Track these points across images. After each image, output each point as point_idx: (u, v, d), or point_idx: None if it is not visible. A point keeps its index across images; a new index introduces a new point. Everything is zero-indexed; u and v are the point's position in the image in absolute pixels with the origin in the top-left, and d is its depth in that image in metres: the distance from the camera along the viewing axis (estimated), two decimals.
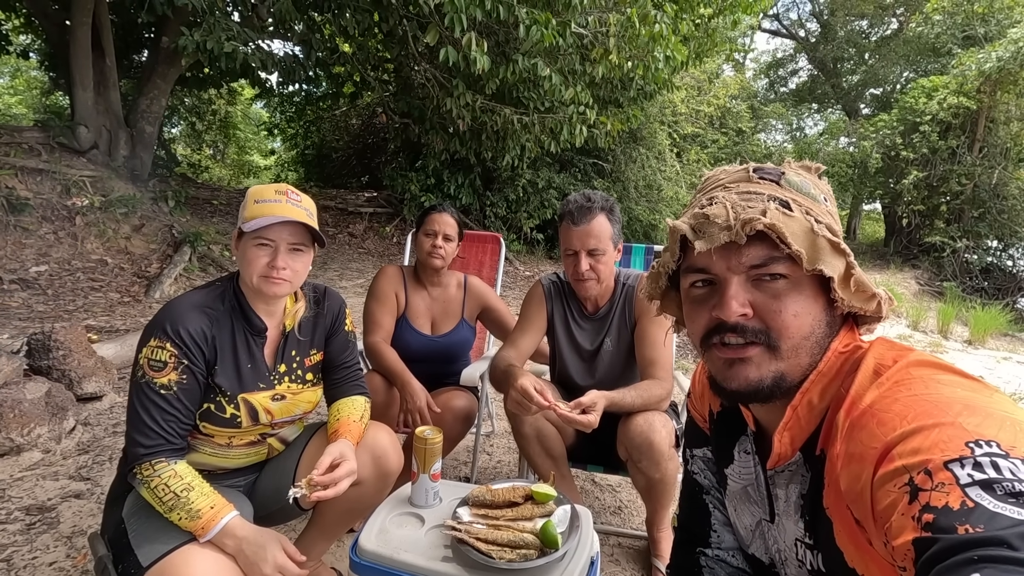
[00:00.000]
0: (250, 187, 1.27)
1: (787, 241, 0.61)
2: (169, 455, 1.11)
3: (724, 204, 0.64)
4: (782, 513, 0.73)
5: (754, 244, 0.63)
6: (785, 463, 0.70)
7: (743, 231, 0.62)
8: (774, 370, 0.65)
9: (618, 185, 8.97)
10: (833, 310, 0.67)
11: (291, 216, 1.18)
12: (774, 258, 0.63)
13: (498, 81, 5.12)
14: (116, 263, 4.98)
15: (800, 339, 0.64)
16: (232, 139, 14.18)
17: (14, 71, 14.75)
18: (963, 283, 10.65)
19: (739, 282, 0.65)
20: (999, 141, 11.33)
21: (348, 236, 7.65)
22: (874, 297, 0.66)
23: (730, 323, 0.65)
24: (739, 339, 0.65)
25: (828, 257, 0.62)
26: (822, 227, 0.63)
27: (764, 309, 0.64)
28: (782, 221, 0.62)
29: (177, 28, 5.12)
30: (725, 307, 0.64)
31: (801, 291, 0.64)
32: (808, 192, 0.67)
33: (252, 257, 1.18)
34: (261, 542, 1.07)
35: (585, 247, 1.64)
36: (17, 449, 2.16)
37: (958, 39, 12.75)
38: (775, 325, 0.64)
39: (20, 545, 1.71)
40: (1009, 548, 0.40)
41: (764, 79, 20.58)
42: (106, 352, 2.98)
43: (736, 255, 0.64)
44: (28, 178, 5.10)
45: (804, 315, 0.64)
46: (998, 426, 0.48)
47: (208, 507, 1.07)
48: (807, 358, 0.65)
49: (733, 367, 0.66)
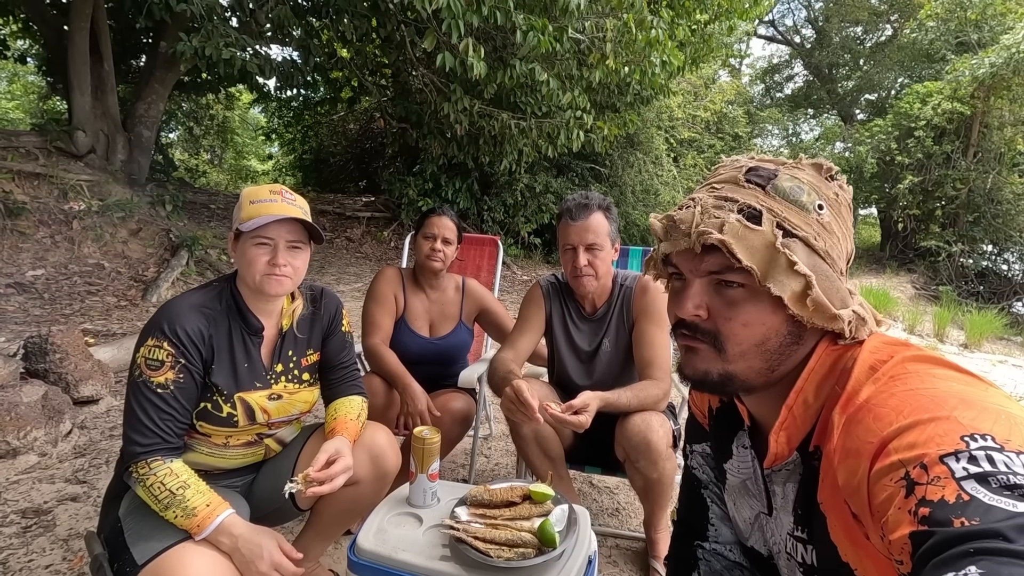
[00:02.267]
0: (244, 189, 1.28)
1: (737, 257, 0.62)
2: (165, 454, 1.11)
3: (693, 211, 0.67)
4: (779, 508, 0.73)
5: (713, 252, 0.65)
6: (782, 463, 0.70)
7: (698, 242, 0.65)
8: (719, 369, 0.67)
9: (615, 190, 8.99)
10: (801, 322, 0.66)
11: (288, 214, 1.19)
12: (730, 267, 0.64)
13: (496, 86, 5.14)
14: (113, 267, 4.98)
15: (749, 346, 0.66)
16: (230, 144, 14.17)
17: (11, 76, 14.71)
18: (959, 287, 10.69)
19: (700, 284, 0.68)
20: (993, 146, 11.40)
21: (346, 240, 7.65)
22: (835, 318, 0.64)
23: (686, 320, 0.68)
24: (689, 334, 0.69)
25: (781, 276, 0.62)
26: (793, 242, 0.63)
27: (717, 314, 0.67)
28: (740, 235, 0.63)
29: (175, 33, 5.13)
30: (680, 305, 0.68)
31: (757, 301, 0.65)
32: (796, 199, 0.65)
33: (252, 256, 1.19)
34: (257, 540, 1.07)
35: (583, 242, 1.65)
36: (13, 452, 2.16)
37: (952, 45, 12.86)
38: (724, 330, 0.66)
39: (16, 548, 1.70)
40: (1005, 540, 0.40)
41: (760, 84, 20.70)
42: (103, 356, 2.98)
43: (697, 259, 0.67)
44: (25, 182, 5.10)
45: (756, 325, 0.65)
46: (993, 420, 0.48)
47: (204, 505, 1.07)
48: (760, 363, 0.67)
49: (687, 354, 0.71)
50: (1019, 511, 0.42)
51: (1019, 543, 0.40)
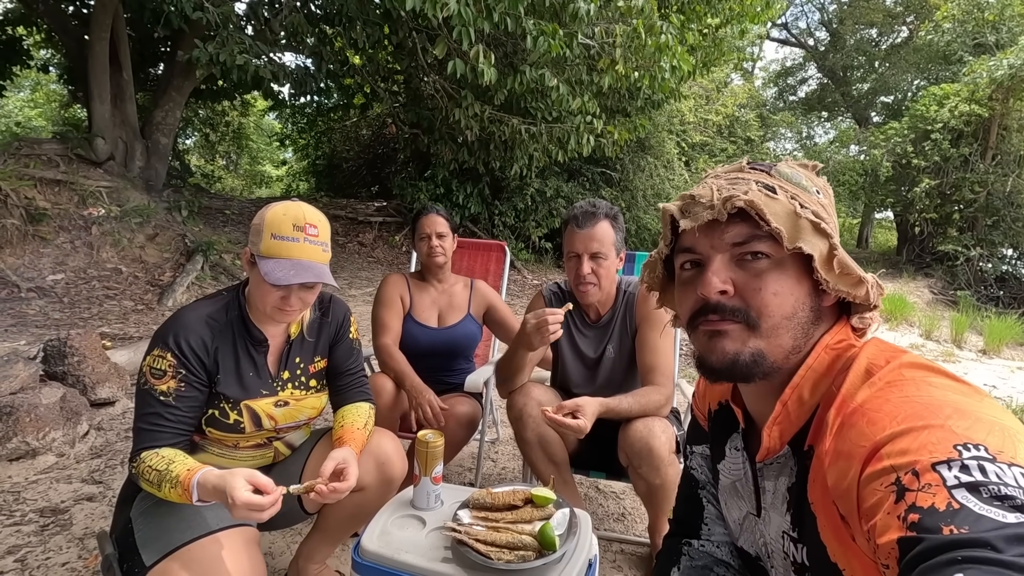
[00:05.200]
0: (265, 209, 1.23)
1: (766, 218, 0.63)
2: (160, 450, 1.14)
3: (710, 186, 0.67)
4: (769, 506, 0.74)
5: (736, 223, 0.65)
6: (774, 456, 0.71)
7: (724, 208, 0.64)
8: (752, 347, 0.65)
9: (626, 194, 8.99)
10: (820, 297, 0.67)
11: (308, 260, 1.19)
12: (756, 236, 0.65)
13: (506, 92, 5.18)
14: (130, 272, 5.08)
15: (780, 318, 0.65)
16: (245, 150, 14.39)
17: (34, 85, 15.10)
18: (977, 292, 10.49)
19: (722, 260, 0.67)
20: (1012, 148, 11.20)
21: (358, 245, 7.72)
22: (861, 282, 0.65)
23: (712, 301, 0.66)
24: (718, 318, 0.66)
25: (809, 236, 0.63)
26: (807, 211, 0.64)
27: (745, 287, 0.66)
28: (763, 201, 0.64)
29: (192, 42, 5.23)
30: (705, 283, 0.66)
31: (783, 271, 0.65)
32: (798, 182, 0.68)
33: (266, 291, 1.19)
34: (222, 485, 1.01)
35: (588, 250, 1.66)
36: (33, 452, 2.21)
37: (969, 47, 12.68)
38: (755, 303, 0.65)
39: (34, 546, 1.75)
40: (992, 550, 0.40)
41: (773, 88, 20.57)
42: (119, 359, 3.04)
43: (719, 233, 0.66)
44: (47, 189, 5.23)
45: (785, 295, 0.65)
46: (987, 430, 0.49)
47: (184, 471, 1.06)
48: (789, 340, 0.66)
49: (712, 339, 0.67)
50: (1008, 521, 0.42)
51: (1007, 553, 0.40)
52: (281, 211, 1.20)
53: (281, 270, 1.15)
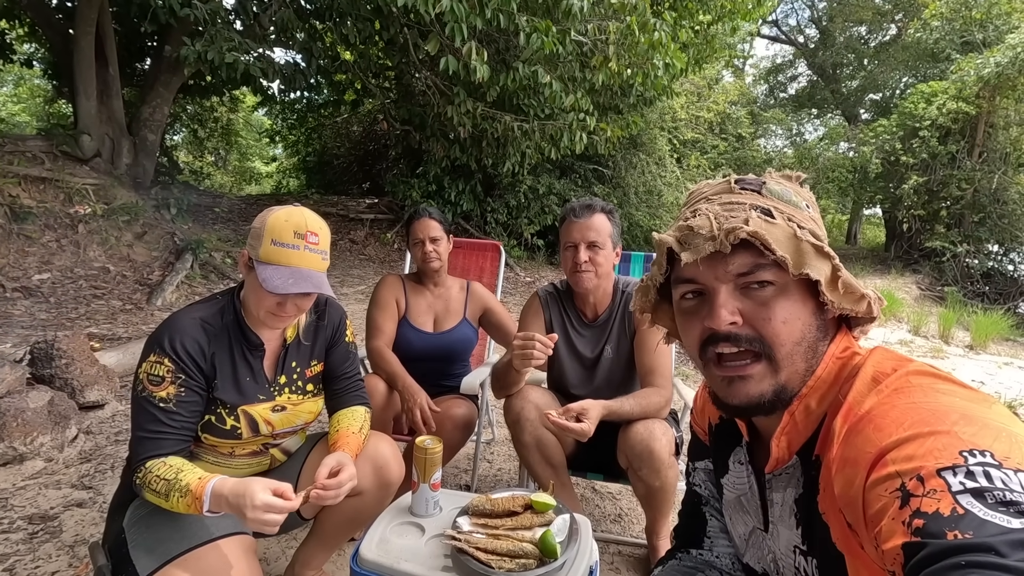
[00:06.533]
0: (267, 213, 1.20)
1: (771, 248, 0.62)
2: (164, 457, 1.12)
3: (707, 215, 0.66)
4: (777, 520, 0.73)
5: (739, 253, 0.64)
6: (782, 467, 0.71)
7: (727, 240, 0.63)
8: (774, 384, 0.65)
9: (618, 191, 8.99)
10: (823, 314, 0.67)
11: (307, 268, 1.17)
12: (760, 265, 0.64)
13: (498, 88, 5.16)
14: (118, 271, 5.01)
15: (792, 345, 0.65)
16: (234, 146, 14.23)
17: (18, 80, 14.84)
18: (964, 288, 10.63)
19: (727, 291, 0.66)
20: (999, 146, 11.34)
21: (349, 243, 7.67)
22: (863, 298, 0.66)
23: (722, 332, 0.65)
24: (733, 347, 0.65)
25: (813, 261, 0.63)
26: (805, 232, 0.64)
27: (754, 317, 0.65)
28: (764, 228, 0.63)
29: (180, 37, 5.17)
30: (715, 316, 0.65)
31: (789, 297, 0.65)
32: (789, 199, 0.68)
33: (261, 296, 1.18)
34: (242, 489, 1.02)
35: (585, 239, 1.67)
36: (20, 458, 2.17)
37: (957, 45, 12.80)
38: (766, 333, 0.64)
39: (23, 554, 1.71)
40: (997, 555, 0.40)
41: (764, 85, 20.65)
42: (108, 360, 3.00)
43: (722, 264, 0.65)
44: (31, 186, 5.14)
45: (794, 320, 0.64)
46: (993, 437, 0.49)
47: (196, 479, 1.05)
48: (803, 363, 0.66)
49: (733, 384, 0.67)
50: (1013, 527, 0.42)
51: (1012, 558, 0.40)
52: (284, 216, 1.18)
53: (279, 278, 1.13)
